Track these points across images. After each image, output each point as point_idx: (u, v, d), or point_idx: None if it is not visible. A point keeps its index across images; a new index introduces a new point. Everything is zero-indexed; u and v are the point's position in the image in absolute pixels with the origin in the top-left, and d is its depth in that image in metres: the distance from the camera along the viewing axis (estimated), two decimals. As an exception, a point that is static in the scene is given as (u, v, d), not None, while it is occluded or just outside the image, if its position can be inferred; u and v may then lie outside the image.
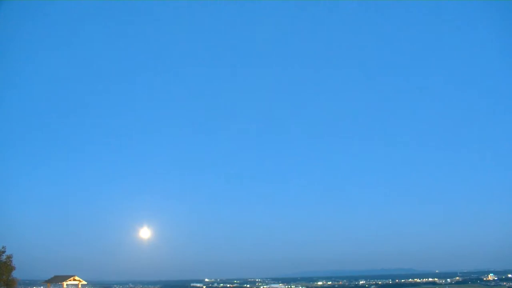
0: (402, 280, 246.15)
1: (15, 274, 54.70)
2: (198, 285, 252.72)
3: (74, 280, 72.34)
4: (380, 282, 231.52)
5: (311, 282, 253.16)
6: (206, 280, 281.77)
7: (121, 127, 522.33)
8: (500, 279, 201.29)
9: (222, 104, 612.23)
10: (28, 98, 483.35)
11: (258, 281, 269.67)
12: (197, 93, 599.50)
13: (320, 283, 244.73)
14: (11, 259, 53.25)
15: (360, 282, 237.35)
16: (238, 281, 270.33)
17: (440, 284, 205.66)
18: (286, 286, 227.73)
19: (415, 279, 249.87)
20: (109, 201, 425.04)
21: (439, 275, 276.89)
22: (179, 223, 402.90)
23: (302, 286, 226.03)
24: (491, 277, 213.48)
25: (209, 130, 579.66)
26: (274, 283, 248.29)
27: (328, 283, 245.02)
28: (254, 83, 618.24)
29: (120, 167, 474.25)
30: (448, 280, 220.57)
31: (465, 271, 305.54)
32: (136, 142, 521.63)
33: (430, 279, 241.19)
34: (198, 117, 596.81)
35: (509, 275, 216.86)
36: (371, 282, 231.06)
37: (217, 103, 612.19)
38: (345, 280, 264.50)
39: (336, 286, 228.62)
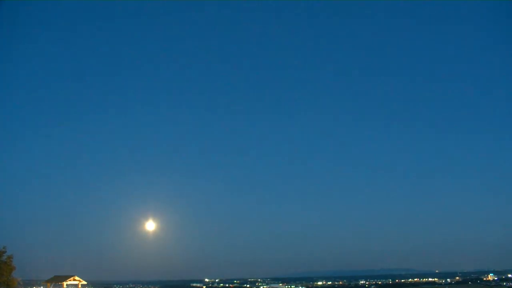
0: (402, 280, 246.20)
1: (15, 274, 54.59)
2: (198, 285, 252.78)
3: (74, 280, 72.22)
4: (380, 282, 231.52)
5: (311, 282, 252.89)
6: (206, 280, 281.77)
7: (120, 126, 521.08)
8: (500, 279, 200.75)
9: (223, 101, 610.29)
10: (28, 96, 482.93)
11: (258, 281, 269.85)
12: (203, 88, 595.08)
13: (320, 283, 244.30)
14: (11, 259, 53.22)
15: (360, 282, 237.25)
16: (238, 281, 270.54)
17: (440, 284, 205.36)
18: (286, 286, 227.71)
19: (415, 279, 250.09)
20: (109, 201, 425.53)
21: (439, 275, 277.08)
22: (179, 223, 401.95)
23: (302, 286, 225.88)
24: (491, 277, 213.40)
25: (209, 130, 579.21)
26: (274, 283, 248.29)
27: (328, 283, 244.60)
28: (255, 82, 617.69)
29: (120, 167, 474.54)
30: (448, 280, 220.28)
31: (465, 271, 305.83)
32: (136, 142, 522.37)
33: (430, 279, 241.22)
34: (199, 114, 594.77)
35: (509, 275, 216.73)
36: (371, 282, 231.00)
37: (218, 99, 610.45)
38: (345, 280, 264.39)
39: (336, 286, 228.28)
